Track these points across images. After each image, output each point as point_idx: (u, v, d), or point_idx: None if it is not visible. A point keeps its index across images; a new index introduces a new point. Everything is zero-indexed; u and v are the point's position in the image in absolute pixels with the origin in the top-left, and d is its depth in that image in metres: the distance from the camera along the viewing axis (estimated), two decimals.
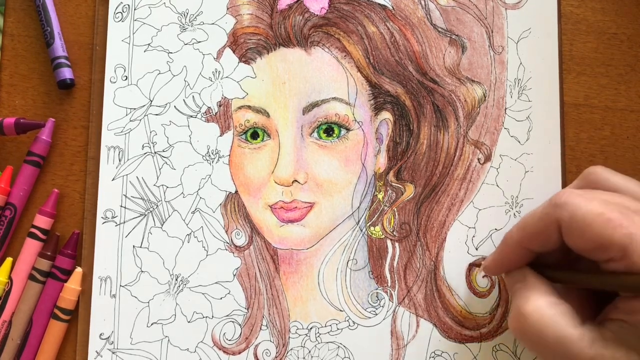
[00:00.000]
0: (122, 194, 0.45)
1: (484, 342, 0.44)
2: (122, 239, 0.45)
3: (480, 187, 0.45)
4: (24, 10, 0.48)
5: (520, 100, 0.46)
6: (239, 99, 0.46)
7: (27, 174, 0.45)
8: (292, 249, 0.45)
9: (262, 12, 0.46)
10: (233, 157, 0.46)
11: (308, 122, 0.45)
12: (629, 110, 0.47)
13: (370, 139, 0.46)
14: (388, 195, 0.45)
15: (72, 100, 0.47)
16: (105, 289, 0.44)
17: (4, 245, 0.45)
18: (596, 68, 0.47)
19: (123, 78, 0.46)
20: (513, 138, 0.46)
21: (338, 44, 0.46)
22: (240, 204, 0.45)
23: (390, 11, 0.46)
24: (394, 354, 0.44)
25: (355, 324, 0.44)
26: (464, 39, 0.46)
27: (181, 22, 0.47)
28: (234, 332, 0.44)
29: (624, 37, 0.47)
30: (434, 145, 0.46)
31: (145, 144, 0.46)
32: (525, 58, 0.46)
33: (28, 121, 0.45)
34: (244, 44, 0.46)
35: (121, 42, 0.46)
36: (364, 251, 0.45)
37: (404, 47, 0.46)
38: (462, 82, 0.46)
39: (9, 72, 0.47)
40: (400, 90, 0.46)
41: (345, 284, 0.45)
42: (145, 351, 0.44)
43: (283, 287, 0.45)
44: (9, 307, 0.44)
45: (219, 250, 0.45)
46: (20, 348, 0.44)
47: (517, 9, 0.47)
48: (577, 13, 0.47)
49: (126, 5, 0.47)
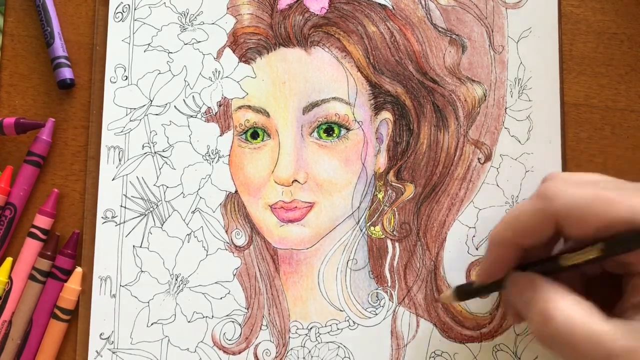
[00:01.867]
0: (122, 193, 0.45)
1: (484, 342, 0.44)
2: (122, 239, 0.45)
3: (481, 186, 0.45)
4: (24, 10, 0.48)
5: (520, 99, 0.46)
6: (239, 98, 0.46)
7: (27, 174, 0.45)
8: (292, 248, 0.45)
9: (262, 12, 0.46)
10: (233, 157, 0.46)
11: (308, 122, 0.45)
12: (629, 110, 0.47)
13: (370, 139, 0.46)
14: (388, 195, 0.45)
15: (72, 100, 0.47)
16: (105, 289, 0.44)
17: (4, 245, 0.45)
18: (596, 68, 0.47)
19: (123, 78, 0.46)
20: (513, 138, 0.46)
21: (338, 44, 0.46)
22: (240, 203, 0.45)
23: (391, 11, 0.46)
24: (394, 354, 0.44)
25: (355, 324, 0.44)
26: (464, 39, 0.46)
27: (181, 22, 0.47)
28: (234, 332, 0.44)
29: (624, 37, 0.47)
30: (434, 145, 0.46)
31: (145, 143, 0.46)
32: (525, 58, 0.46)
33: (28, 121, 0.45)
34: (244, 44, 0.46)
35: (121, 42, 0.46)
36: (364, 251, 0.45)
37: (404, 46, 0.46)
38: (462, 81, 0.46)
39: (9, 72, 0.47)
40: (400, 90, 0.46)
41: (345, 283, 0.45)
42: (145, 351, 0.44)
43: (283, 287, 0.45)
44: (9, 307, 0.44)
45: (219, 250, 0.45)
46: (21, 348, 0.44)
47: (518, 8, 0.47)
48: (577, 13, 0.47)
49: (126, 5, 0.47)
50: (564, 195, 0.34)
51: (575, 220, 0.34)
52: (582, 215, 0.33)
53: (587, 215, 0.33)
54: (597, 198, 0.33)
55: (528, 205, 0.36)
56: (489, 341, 0.44)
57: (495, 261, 0.38)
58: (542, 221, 0.35)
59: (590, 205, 0.33)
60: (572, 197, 0.34)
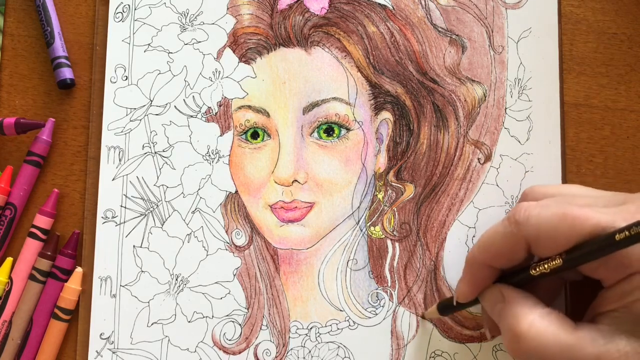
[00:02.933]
0: (122, 193, 0.45)
1: (484, 342, 0.44)
2: (122, 239, 0.45)
3: (480, 187, 0.45)
4: (24, 10, 0.48)
5: (520, 100, 0.46)
6: (239, 98, 0.46)
7: (27, 174, 0.45)
8: (292, 248, 0.45)
9: (262, 12, 0.46)
10: (233, 157, 0.46)
11: (308, 122, 0.45)
12: (629, 110, 0.47)
13: (370, 139, 0.46)
14: (388, 195, 0.45)
15: (72, 100, 0.47)
16: (105, 289, 0.44)
17: (4, 245, 0.45)
18: (596, 68, 0.47)
19: (123, 78, 0.46)
20: (513, 138, 0.46)
21: (338, 44, 0.46)
22: (241, 203, 0.45)
23: (391, 11, 0.46)
24: (394, 354, 0.44)
25: (355, 324, 0.44)
26: (464, 39, 0.46)
27: (181, 22, 0.47)
28: (234, 332, 0.44)
29: (624, 37, 0.47)
30: (434, 145, 0.46)
31: (146, 144, 0.46)
32: (525, 58, 0.46)
33: (28, 121, 0.45)
34: (244, 44, 0.46)
35: (121, 42, 0.46)
36: (364, 251, 0.45)
37: (404, 47, 0.46)
38: (462, 81, 0.46)
39: (9, 72, 0.47)
40: (400, 90, 0.46)
41: (345, 283, 0.45)
42: (145, 351, 0.44)
43: (283, 287, 0.45)
44: (9, 307, 0.44)
45: (219, 250, 0.45)
46: (21, 348, 0.44)
47: (518, 8, 0.47)
48: (577, 13, 0.47)
49: (126, 5, 0.47)
50: (532, 219, 0.35)
51: (543, 242, 0.35)
52: (550, 237, 0.34)
53: (554, 236, 0.34)
54: (563, 218, 0.34)
55: (500, 229, 0.36)
56: (489, 341, 0.44)
57: (470, 281, 0.39)
58: (513, 245, 0.36)
59: (556, 226, 0.34)
60: (539, 220, 0.34)
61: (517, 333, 0.34)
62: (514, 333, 0.35)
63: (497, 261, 0.37)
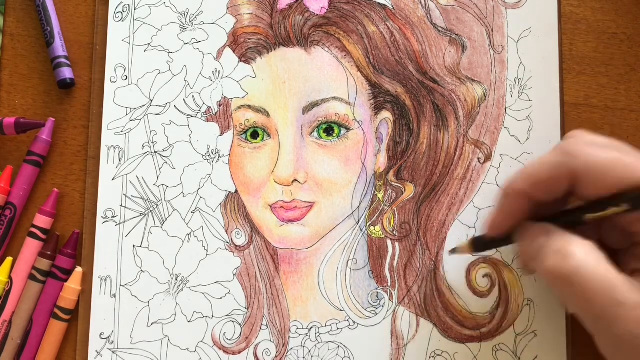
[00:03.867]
0: (122, 193, 0.45)
1: (484, 342, 0.44)
2: (122, 239, 0.45)
3: (481, 186, 0.45)
4: (24, 10, 0.48)
5: (520, 99, 0.46)
6: (239, 98, 0.46)
7: (27, 173, 0.45)
8: (292, 248, 0.45)
9: (262, 11, 0.46)
10: (233, 157, 0.46)
11: (308, 122, 0.45)
12: (629, 110, 0.47)
13: (370, 139, 0.46)
14: (388, 194, 0.45)
15: (72, 100, 0.47)
16: (105, 289, 0.44)
17: (4, 245, 0.45)
18: (596, 68, 0.47)
19: (123, 78, 0.46)
20: (513, 137, 0.46)
21: (338, 44, 0.46)
22: (240, 203, 0.45)
23: (390, 10, 0.46)
24: (394, 354, 0.44)
25: (355, 324, 0.44)
26: (464, 39, 0.46)
27: (181, 22, 0.47)
28: (234, 332, 0.44)
29: (624, 37, 0.47)
30: (434, 144, 0.46)
31: (146, 143, 0.46)
32: (525, 57, 0.46)
33: (28, 121, 0.45)
34: (244, 44, 0.46)
35: (121, 41, 0.46)
36: (364, 251, 0.45)
37: (404, 46, 0.46)
38: (462, 81, 0.46)
39: (9, 72, 0.47)
40: (400, 90, 0.46)
41: (345, 283, 0.45)
42: (145, 351, 0.44)
43: (283, 286, 0.45)
44: (9, 307, 0.44)
45: (219, 250, 0.45)
46: (21, 348, 0.44)
47: (518, 8, 0.47)
48: (577, 13, 0.47)
49: (126, 5, 0.47)
50: (586, 154, 0.34)
51: (593, 180, 0.34)
52: (602, 176, 0.34)
53: (607, 176, 0.34)
54: (618, 161, 0.34)
55: (548, 158, 0.36)
56: (489, 341, 0.44)
57: (504, 212, 0.38)
58: (560, 175, 0.35)
59: (611, 167, 0.34)
60: (594, 157, 0.34)
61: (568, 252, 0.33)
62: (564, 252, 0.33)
63: (536, 191, 0.36)
